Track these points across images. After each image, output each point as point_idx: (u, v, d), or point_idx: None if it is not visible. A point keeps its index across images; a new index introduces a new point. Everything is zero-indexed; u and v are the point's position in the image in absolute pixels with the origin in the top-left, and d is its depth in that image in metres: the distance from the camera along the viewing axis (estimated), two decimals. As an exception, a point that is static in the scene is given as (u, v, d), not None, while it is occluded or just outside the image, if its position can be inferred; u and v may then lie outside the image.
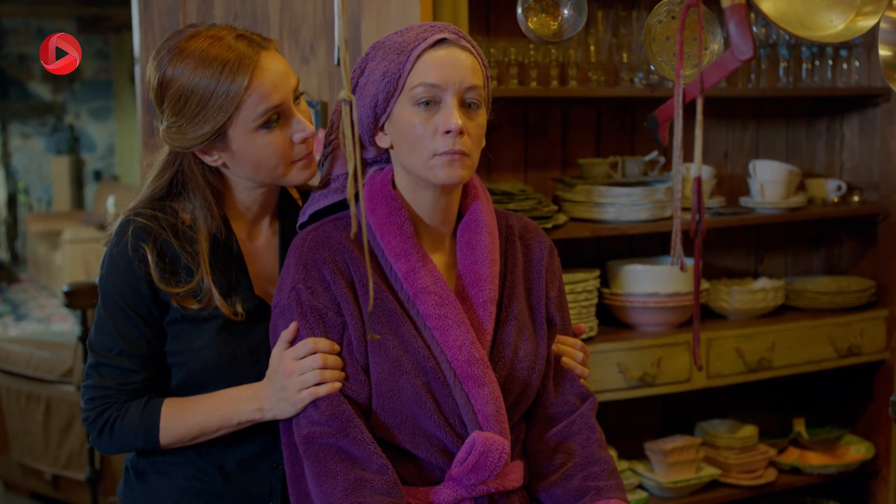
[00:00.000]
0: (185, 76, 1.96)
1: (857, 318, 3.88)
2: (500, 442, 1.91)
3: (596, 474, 2.00)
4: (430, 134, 1.89)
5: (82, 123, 12.97)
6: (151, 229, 2.03)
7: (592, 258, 3.79)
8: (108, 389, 2.04)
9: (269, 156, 2.02)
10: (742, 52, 1.44)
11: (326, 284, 1.93)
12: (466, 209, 2.05)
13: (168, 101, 1.99)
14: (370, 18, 2.88)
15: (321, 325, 1.93)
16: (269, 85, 1.97)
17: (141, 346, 2.03)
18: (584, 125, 3.79)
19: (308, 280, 1.93)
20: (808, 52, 3.93)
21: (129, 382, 2.04)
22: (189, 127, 1.97)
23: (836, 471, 3.89)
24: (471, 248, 2.01)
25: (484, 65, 1.97)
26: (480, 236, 2.01)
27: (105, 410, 2.04)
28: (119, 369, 2.03)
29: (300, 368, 1.92)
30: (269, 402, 1.98)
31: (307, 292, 1.93)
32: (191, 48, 1.97)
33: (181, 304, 2.02)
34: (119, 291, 2.02)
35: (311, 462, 1.89)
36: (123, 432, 2.04)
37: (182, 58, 1.97)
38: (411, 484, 1.94)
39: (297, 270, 1.95)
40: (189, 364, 2.06)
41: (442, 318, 1.92)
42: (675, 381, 3.54)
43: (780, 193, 3.85)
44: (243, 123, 1.97)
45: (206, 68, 1.95)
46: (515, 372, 1.99)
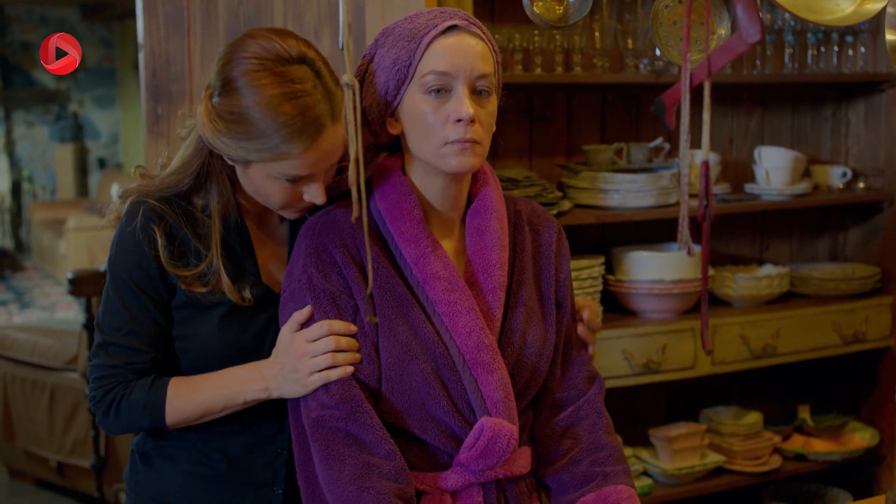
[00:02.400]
0: (251, 102, 1.88)
1: (862, 304, 3.87)
2: (509, 428, 1.91)
3: (602, 459, 2.00)
4: (442, 122, 1.89)
5: (86, 111, 12.96)
6: (162, 211, 2.02)
7: (597, 245, 3.78)
8: (116, 368, 2.04)
9: (273, 195, 1.99)
10: (750, 36, 1.43)
11: (338, 268, 1.93)
12: (476, 195, 2.05)
13: (223, 100, 1.92)
14: (374, 4, 2.87)
15: (334, 308, 1.92)
16: (312, 161, 1.92)
17: (149, 327, 2.03)
18: (589, 111, 3.78)
19: (319, 263, 1.93)
20: (813, 38, 3.91)
21: (136, 362, 2.04)
22: (225, 136, 1.92)
23: (841, 458, 3.89)
24: (480, 234, 2.00)
25: (494, 51, 1.96)
26: (490, 222, 2.01)
27: (112, 389, 2.04)
28: (127, 349, 2.03)
29: (312, 351, 1.91)
30: (276, 381, 1.97)
31: (319, 275, 1.93)
32: (270, 81, 1.88)
33: (188, 288, 2.02)
34: (129, 271, 2.02)
35: (319, 445, 1.89)
36: (129, 411, 2.04)
37: (258, 81, 1.88)
38: (419, 469, 1.94)
39: (308, 254, 1.95)
40: (193, 350, 2.06)
41: (451, 304, 1.92)
42: (679, 368, 3.54)
43: (785, 180, 3.85)
44: (269, 169, 1.94)
45: (271, 113, 1.87)
46: (524, 358, 1.99)
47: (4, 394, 5.07)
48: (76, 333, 4.82)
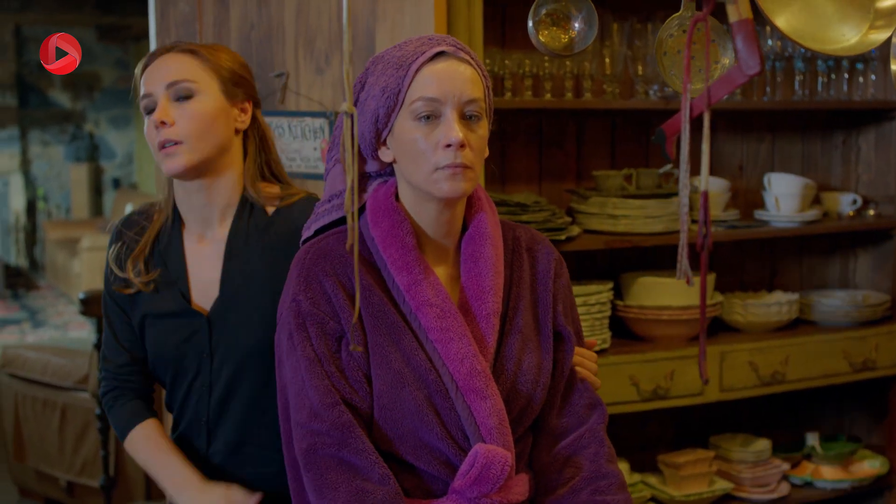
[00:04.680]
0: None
1: (872, 332, 3.86)
2: (503, 454, 1.90)
3: (604, 488, 2.00)
4: (432, 148, 1.89)
5: (101, 131, 13.01)
6: (122, 232, 2.31)
7: (606, 270, 3.79)
8: (108, 372, 2.35)
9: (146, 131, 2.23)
10: (749, 67, 1.44)
11: (327, 297, 1.93)
12: (471, 221, 2.04)
13: None
14: (385, 30, 2.89)
15: (321, 334, 1.93)
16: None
17: (126, 339, 2.32)
18: (599, 137, 3.79)
19: (308, 291, 1.94)
20: (823, 65, 3.92)
21: (121, 372, 2.34)
22: None
23: (850, 486, 3.87)
24: (474, 261, 2.00)
25: (484, 75, 1.96)
26: (484, 248, 2.01)
27: (107, 392, 2.36)
28: (113, 360, 2.34)
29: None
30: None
31: (307, 302, 1.93)
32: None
33: (121, 293, 2.28)
34: (107, 289, 2.32)
35: (312, 475, 1.89)
36: (112, 419, 2.35)
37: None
38: (414, 496, 1.94)
39: (297, 283, 1.96)
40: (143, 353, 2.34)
41: (444, 331, 1.92)
42: (687, 394, 3.53)
43: (794, 207, 3.85)
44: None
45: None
46: (518, 385, 1.99)
47: (16, 413, 5.08)
48: (88, 353, 4.83)
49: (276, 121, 3.04)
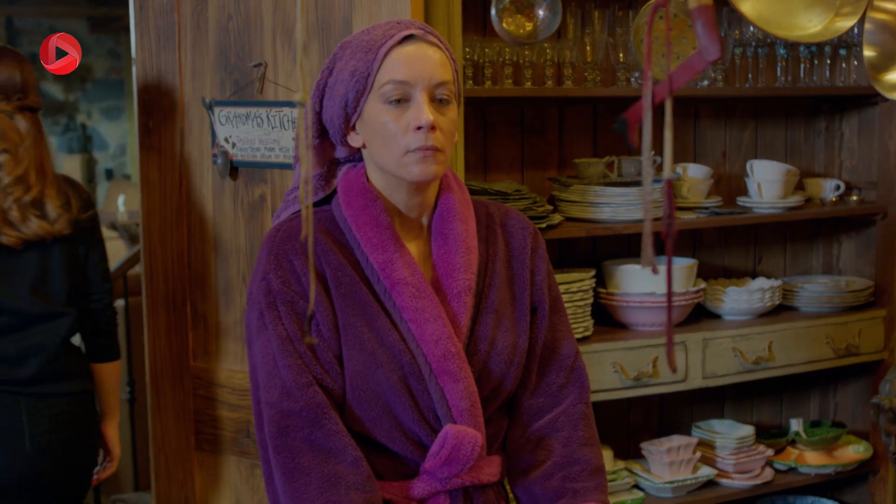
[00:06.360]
0: None
1: (856, 317, 3.87)
2: (473, 435, 1.91)
3: (574, 475, 2.00)
4: (402, 131, 1.89)
5: (94, 122, 13.00)
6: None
7: (588, 258, 3.79)
8: None
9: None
10: (709, 54, 1.44)
11: (297, 276, 1.93)
12: (439, 200, 2.04)
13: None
14: (361, 19, 2.88)
15: (291, 313, 1.93)
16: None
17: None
18: (581, 125, 3.79)
19: (279, 270, 1.94)
20: (806, 51, 3.91)
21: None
22: None
23: (835, 471, 3.88)
24: (444, 238, 2.00)
25: (452, 59, 1.97)
26: (453, 224, 2.00)
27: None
28: None
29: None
30: None
31: (278, 281, 1.93)
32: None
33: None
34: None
35: (282, 458, 1.88)
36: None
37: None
38: (386, 479, 1.95)
39: (268, 261, 1.96)
40: None
41: (419, 311, 1.92)
42: (671, 381, 3.54)
43: (777, 193, 3.85)
44: None
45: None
46: (490, 365, 1.98)
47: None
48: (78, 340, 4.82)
49: (254, 111, 3.04)
